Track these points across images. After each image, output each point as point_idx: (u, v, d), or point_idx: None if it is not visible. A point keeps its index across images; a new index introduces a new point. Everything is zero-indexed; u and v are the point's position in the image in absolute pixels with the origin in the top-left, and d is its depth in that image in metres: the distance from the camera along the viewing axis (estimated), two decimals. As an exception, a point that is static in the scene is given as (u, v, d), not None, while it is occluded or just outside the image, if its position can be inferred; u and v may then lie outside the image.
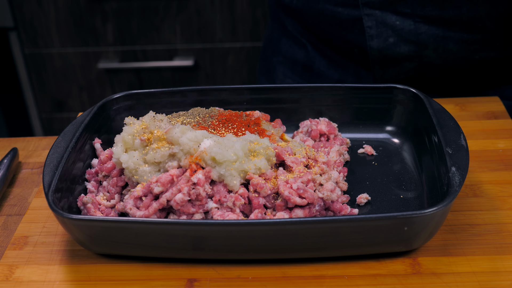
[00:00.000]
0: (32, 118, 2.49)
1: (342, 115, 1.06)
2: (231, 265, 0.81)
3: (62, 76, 2.38)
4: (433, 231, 0.80)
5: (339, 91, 1.05)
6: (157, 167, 0.87)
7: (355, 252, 0.81)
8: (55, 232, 0.89)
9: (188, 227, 0.77)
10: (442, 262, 0.81)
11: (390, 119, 1.05)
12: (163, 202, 0.83)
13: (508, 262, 0.80)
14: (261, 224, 0.77)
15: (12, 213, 0.95)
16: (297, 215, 0.84)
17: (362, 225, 0.76)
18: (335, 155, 0.96)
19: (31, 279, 0.82)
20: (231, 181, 0.84)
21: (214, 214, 0.83)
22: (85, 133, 0.95)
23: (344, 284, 0.78)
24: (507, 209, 0.89)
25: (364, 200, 0.91)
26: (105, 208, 0.89)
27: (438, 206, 0.76)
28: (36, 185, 1.01)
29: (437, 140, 0.90)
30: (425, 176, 0.93)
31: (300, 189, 0.83)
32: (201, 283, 0.79)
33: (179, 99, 1.05)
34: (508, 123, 1.10)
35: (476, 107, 1.15)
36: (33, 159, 1.07)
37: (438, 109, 0.95)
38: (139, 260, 0.83)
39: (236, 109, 1.03)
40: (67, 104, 2.44)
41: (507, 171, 0.97)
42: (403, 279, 0.78)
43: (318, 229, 0.77)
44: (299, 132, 1.04)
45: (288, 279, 0.79)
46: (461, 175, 0.81)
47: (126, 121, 0.93)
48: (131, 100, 1.05)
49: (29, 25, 2.28)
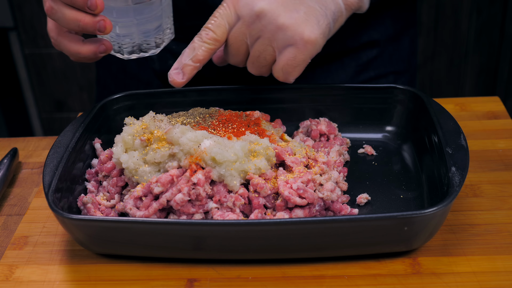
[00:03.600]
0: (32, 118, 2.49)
1: (342, 115, 1.06)
2: (231, 265, 0.82)
3: (62, 76, 2.39)
4: (433, 231, 0.80)
5: (339, 91, 1.05)
6: (157, 167, 0.87)
7: (355, 252, 0.81)
8: (55, 232, 0.89)
9: (188, 227, 0.77)
10: (442, 262, 0.81)
11: (390, 119, 1.05)
12: (163, 202, 0.83)
13: (508, 262, 0.80)
14: (261, 224, 0.77)
15: (12, 213, 0.95)
16: (297, 215, 0.84)
17: (362, 225, 0.76)
18: (335, 155, 0.96)
19: (31, 279, 0.82)
20: (231, 181, 0.84)
21: (214, 214, 0.83)
22: (85, 133, 0.95)
23: (344, 284, 0.78)
24: (507, 209, 0.89)
25: (364, 200, 0.91)
26: (105, 208, 0.89)
27: (438, 206, 0.76)
28: (36, 185, 1.01)
29: (437, 140, 0.90)
30: (425, 176, 0.93)
31: (300, 189, 0.83)
32: (201, 283, 0.79)
33: (179, 99, 1.05)
34: (508, 123, 1.10)
35: (476, 107, 1.15)
36: (33, 159, 1.07)
37: (438, 109, 0.95)
38: (139, 260, 0.83)
39: (236, 109, 1.03)
40: (67, 104, 2.45)
41: (507, 171, 0.97)
42: (403, 279, 0.78)
43: (318, 229, 0.77)
44: (299, 132, 1.04)
45: (288, 279, 0.79)
46: (461, 175, 0.81)
47: (126, 121, 0.93)
48: (131, 100, 1.05)
49: (29, 25, 2.28)
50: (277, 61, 0.91)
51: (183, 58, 0.92)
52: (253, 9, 0.88)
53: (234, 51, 0.93)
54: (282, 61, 0.90)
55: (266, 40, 0.89)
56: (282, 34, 0.88)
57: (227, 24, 0.90)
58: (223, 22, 0.91)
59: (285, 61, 0.89)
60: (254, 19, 0.88)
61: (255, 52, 0.91)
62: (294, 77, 0.92)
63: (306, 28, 0.87)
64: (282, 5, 0.87)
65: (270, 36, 0.88)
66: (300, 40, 0.87)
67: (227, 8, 0.90)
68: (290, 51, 0.89)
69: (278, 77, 0.92)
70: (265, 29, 0.88)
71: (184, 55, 0.92)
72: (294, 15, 0.87)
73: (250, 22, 0.89)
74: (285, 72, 0.91)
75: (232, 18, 0.90)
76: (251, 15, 0.88)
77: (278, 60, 0.91)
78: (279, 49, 0.89)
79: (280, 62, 0.90)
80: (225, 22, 0.90)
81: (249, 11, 0.88)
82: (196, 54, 0.91)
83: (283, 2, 0.87)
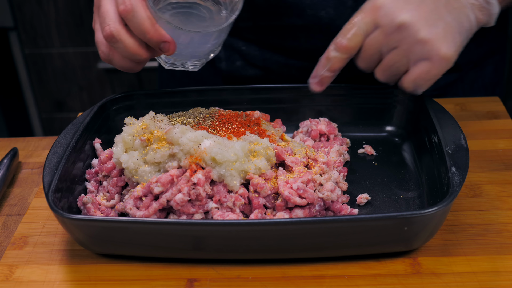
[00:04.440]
0: (32, 118, 2.49)
1: (342, 115, 1.06)
2: (231, 265, 0.81)
3: (62, 76, 2.38)
4: (433, 231, 0.80)
5: (339, 91, 1.05)
6: (157, 167, 0.87)
7: (355, 252, 0.81)
8: (55, 232, 0.89)
9: (188, 227, 0.77)
10: (442, 262, 0.81)
11: (390, 119, 1.05)
12: (163, 202, 0.83)
13: (508, 262, 0.80)
14: (261, 224, 0.77)
15: (12, 213, 0.95)
16: (297, 215, 0.84)
17: (362, 225, 0.76)
18: (335, 155, 0.96)
19: (31, 279, 0.82)
20: (231, 181, 0.84)
21: (214, 214, 0.83)
22: (85, 133, 0.95)
23: (344, 284, 0.78)
24: (507, 209, 0.89)
25: (364, 200, 0.91)
26: (105, 208, 0.89)
27: (438, 206, 0.76)
28: (36, 185, 1.01)
29: (437, 140, 0.90)
30: (425, 176, 0.93)
31: (300, 189, 0.83)
32: (201, 283, 0.79)
33: (179, 99, 1.05)
34: (508, 123, 1.10)
35: (476, 107, 1.15)
36: (33, 159, 1.07)
37: (438, 109, 0.95)
38: (139, 260, 0.83)
39: (236, 109, 1.03)
40: (67, 104, 2.45)
41: (507, 171, 0.97)
42: (403, 279, 0.78)
43: (318, 229, 0.77)
44: (299, 132, 1.04)
45: (288, 279, 0.79)
46: (461, 175, 0.81)
47: (126, 121, 0.93)
48: (131, 100, 1.05)
49: (29, 25, 2.28)
50: (410, 73, 0.91)
51: (319, 69, 0.94)
52: (394, 20, 0.88)
53: (367, 57, 0.93)
54: (415, 74, 0.90)
55: (402, 51, 0.89)
56: (420, 48, 0.88)
57: (364, 32, 0.90)
58: (359, 31, 0.90)
59: (418, 74, 0.90)
60: (394, 30, 0.88)
61: (389, 61, 0.91)
62: (423, 90, 0.92)
63: (443, 44, 0.87)
64: (423, 19, 0.87)
65: (407, 48, 0.88)
66: (436, 56, 0.88)
67: (365, 16, 0.90)
68: (425, 65, 0.89)
69: (407, 88, 0.92)
70: (404, 40, 0.88)
71: (321, 64, 0.94)
72: (433, 30, 0.87)
73: (389, 32, 0.89)
74: (416, 84, 0.91)
75: (370, 26, 0.90)
76: (391, 25, 0.88)
77: (411, 72, 0.91)
78: (414, 61, 0.89)
79: (412, 74, 0.90)
80: (361, 31, 0.90)
81: (390, 22, 0.88)
82: (332, 65, 0.93)
83: (424, 16, 0.87)
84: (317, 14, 1.09)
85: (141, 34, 0.86)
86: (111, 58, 0.92)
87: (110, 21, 0.87)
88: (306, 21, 1.10)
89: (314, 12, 1.08)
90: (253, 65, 1.19)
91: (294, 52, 1.16)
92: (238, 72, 1.20)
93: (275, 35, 1.14)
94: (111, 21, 0.87)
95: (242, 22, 1.12)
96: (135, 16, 0.85)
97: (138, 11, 0.85)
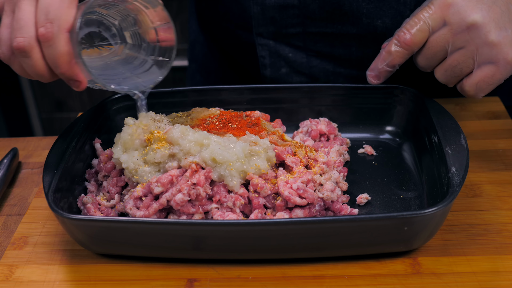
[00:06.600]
0: (32, 118, 2.49)
1: (342, 115, 1.06)
2: (231, 265, 0.82)
3: (62, 76, 2.38)
4: (433, 231, 0.80)
5: (339, 91, 1.05)
6: (157, 168, 0.87)
7: (355, 252, 0.81)
8: (55, 232, 0.89)
9: (188, 227, 0.77)
10: (442, 262, 0.81)
11: (390, 119, 1.05)
12: (163, 202, 0.83)
13: (508, 262, 0.80)
14: (261, 224, 0.77)
15: (12, 213, 0.95)
16: (297, 215, 0.84)
17: (362, 225, 0.76)
18: (335, 155, 0.96)
19: (31, 279, 0.82)
20: (231, 181, 0.84)
21: (214, 214, 0.83)
22: (85, 133, 0.95)
23: (344, 284, 0.78)
24: (507, 209, 0.89)
25: (364, 200, 0.91)
26: (105, 208, 0.89)
27: (438, 206, 0.76)
28: (36, 185, 1.01)
29: (437, 140, 0.90)
30: (425, 176, 0.93)
31: (300, 189, 0.83)
32: (201, 283, 0.79)
33: (179, 99, 1.05)
34: (508, 123, 1.10)
35: (476, 107, 1.15)
36: (33, 159, 1.07)
37: (438, 109, 0.95)
38: (139, 260, 0.83)
39: (236, 109, 1.03)
40: (67, 104, 2.44)
41: (507, 171, 0.97)
42: (403, 279, 0.78)
43: (318, 229, 0.77)
44: (299, 132, 1.04)
45: (288, 279, 0.79)
46: (461, 175, 0.81)
47: (126, 121, 0.93)
48: (131, 100, 1.05)
49: (29, 25, 2.28)
50: (473, 75, 0.89)
51: (379, 62, 0.92)
52: (464, 19, 0.86)
53: (431, 55, 0.91)
54: (478, 76, 0.89)
55: (469, 52, 0.87)
56: (488, 51, 0.86)
57: (431, 28, 0.88)
58: (426, 26, 0.89)
59: (482, 77, 0.88)
60: (462, 29, 0.86)
61: (453, 61, 0.90)
62: (484, 94, 0.91)
63: (511, 49, 0.86)
64: (494, 21, 0.86)
65: (474, 49, 0.87)
66: (503, 60, 0.86)
67: (434, 12, 0.88)
68: (490, 69, 0.87)
69: (468, 91, 0.91)
70: (472, 41, 0.87)
71: (381, 58, 0.92)
72: (503, 34, 0.86)
73: (457, 31, 0.87)
74: (479, 87, 0.89)
75: (437, 23, 0.88)
76: (460, 24, 0.86)
77: (475, 75, 0.89)
78: (479, 63, 0.88)
79: (476, 76, 0.89)
80: (428, 27, 0.89)
81: (460, 20, 0.86)
82: (392, 60, 0.91)
83: (496, 18, 0.86)
84: (372, 23, 1.06)
85: (54, 66, 0.80)
86: (11, 63, 0.84)
87: (26, 34, 0.78)
88: (361, 29, 1.07)
89: (370, 20, 1.05)
90: (299, 72, 1.16)
91: (344, 60, 1.13)
92: (283, 79, 1.16)
93: (325, 42, 1.11)
94: (27, 34, 0.78)
95: (292, 28, 1.09)
96: (52, 47, 0.78)
97: (57, 42, 0.78)
